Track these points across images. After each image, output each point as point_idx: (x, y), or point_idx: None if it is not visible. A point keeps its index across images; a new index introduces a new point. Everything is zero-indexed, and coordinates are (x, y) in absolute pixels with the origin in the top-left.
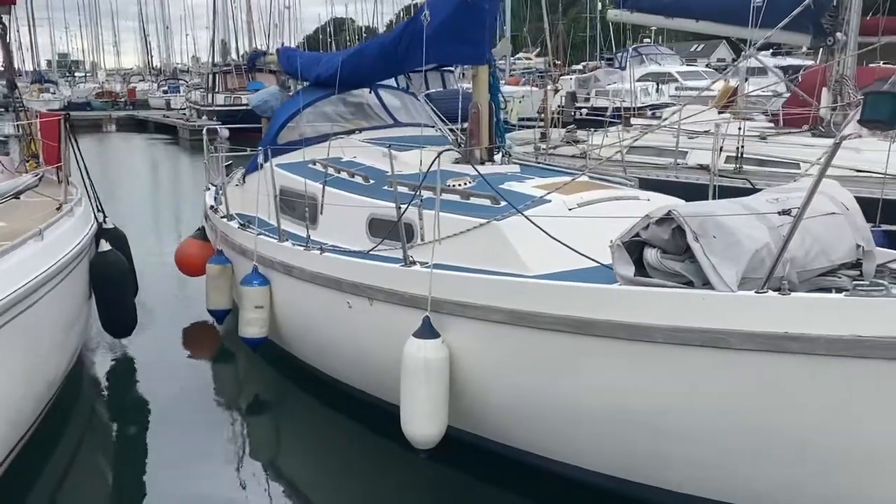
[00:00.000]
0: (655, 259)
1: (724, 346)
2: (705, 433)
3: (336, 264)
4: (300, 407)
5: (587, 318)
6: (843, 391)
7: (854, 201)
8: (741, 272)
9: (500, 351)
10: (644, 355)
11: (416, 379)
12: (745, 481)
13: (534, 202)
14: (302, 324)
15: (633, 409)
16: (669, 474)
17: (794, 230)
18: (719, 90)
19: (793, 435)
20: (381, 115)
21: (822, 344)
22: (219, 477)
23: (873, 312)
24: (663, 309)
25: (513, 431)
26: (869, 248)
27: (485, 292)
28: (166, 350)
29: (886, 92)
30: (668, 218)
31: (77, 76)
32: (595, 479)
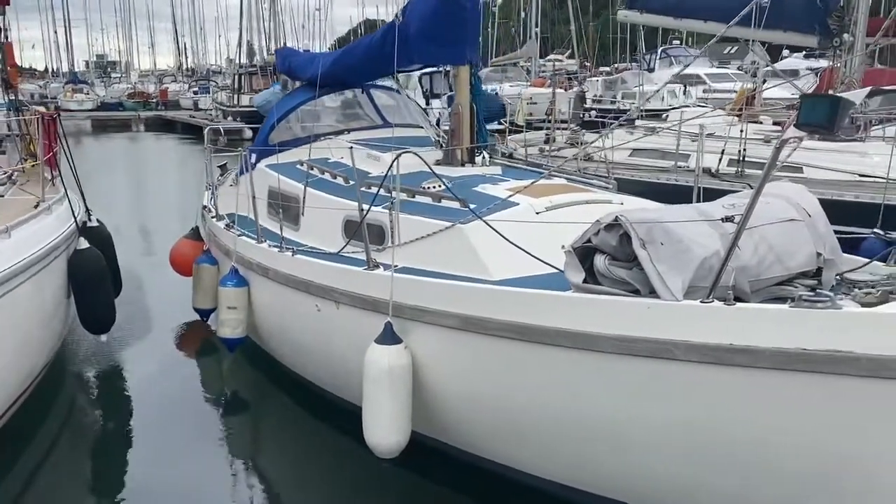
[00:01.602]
0: (603, 266)
1: (668, 357)
2: (653, 446)
3: (305, 266)
4: (275, 408)
5: (535, 325)
6: (790, 406)
7: (818, 207)
8: (688, 281)
9: (458, 357)
10: (591, 365)
11: (378, 386)
12: (693, 494)
13: (501, 205)
14: (277, 325)
15: (584, 419)
16: (622, 486)
17: (737, 238)
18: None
19: (740, 450)
20: (371, 116)
21: (767, 357)
22: (191, 474)
23: (817, 325)
24: (609, 317)
25: (475, 439)
26: (831, 256)
27: (441, 297)
28: (149, 347)
29: (822, 95)
30: (616, 224)
31: (113, 77)
32: (553, 488)
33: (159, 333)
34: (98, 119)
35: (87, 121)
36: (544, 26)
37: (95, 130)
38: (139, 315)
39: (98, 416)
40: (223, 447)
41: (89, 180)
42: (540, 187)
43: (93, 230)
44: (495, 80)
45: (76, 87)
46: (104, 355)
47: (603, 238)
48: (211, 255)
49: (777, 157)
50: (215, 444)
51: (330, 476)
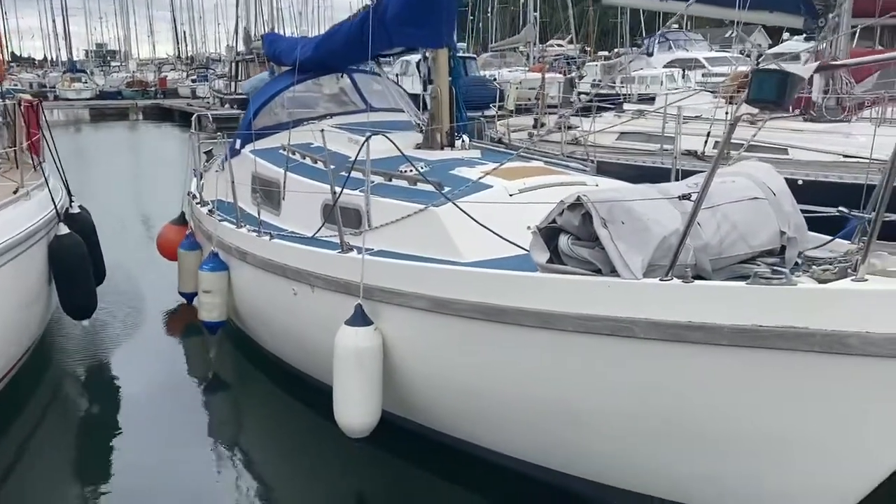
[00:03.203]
0: (567, 246)
1: (629, 335)
2: (616, 424)
3: (280, 250)
4: (255, 390)
5: (500, 305)
6: (748, 382)
7: (784, 186)
8: (648, 259)
9: (427, 338)
10: (555, 344)
11: (348, 367)
12: (655, 471)
13: (474, 187)
14: (256, 309)
15: (549, 398)
16: (587, 464)
17: (694, 215)
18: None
19: (699, 426)
20: (354, 100)
21: (725, 334)
22: (171, 455)
23: (772, 302)
24: (571, 297)
25: (445, 419)
26: (794, 234)
27: (410, 279)
28: (134, 331)
29: (773, 70)
30: (579, 203)
31: (112, 66)
32: (522, 467)
33: (144, 317)
34: (96, 108)
35: (86, 110)
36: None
37: (93, 119)
38: (125, 300)
39: (80, 399)
40: (203, 428)
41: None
42: (516, 170)
43: (75, 216)
44: (494, 65)
45: (74, 76)
46: (89, 340)
47: (566, 218)
48: (194, 240)
49: (731, 134)
50: (195, 426)
51: (304, 455)
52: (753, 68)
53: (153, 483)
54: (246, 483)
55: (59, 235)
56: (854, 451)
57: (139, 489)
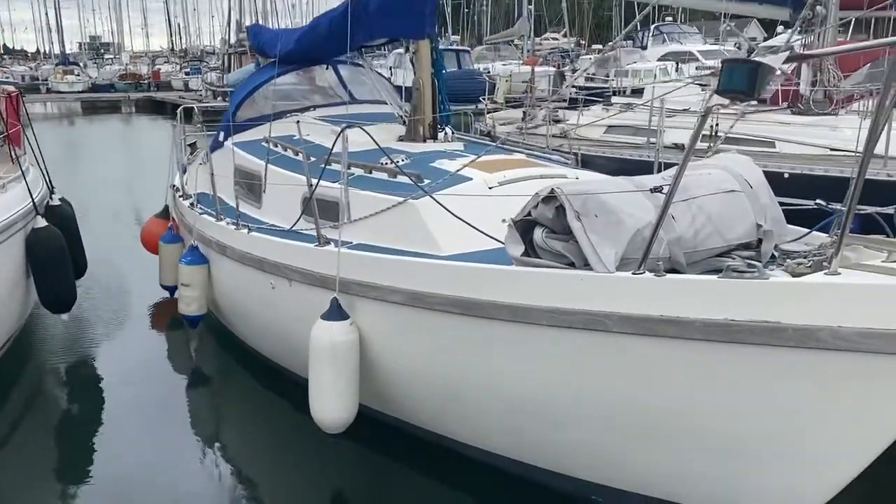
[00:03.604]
0: (541, 239)
1: (602, 329)
2: (591, 419)
3: (258, 244)
4: (236, 384)
5: (474, 299)
6: (720, 378)
7: (761, 178)
8: (621, 253)
9: (404, 333)
10: (529, 338)
11: (323, 362)
12: (628, 466)
13: (453, 179)
14: (236, 303)
15: (524, 393)
16: (563, 460)
17: (665, 208)
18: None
19: (672, 422)
20: (338, 92)
21: (696, 328)
22: (150, 450)
23: (744, 295)
24: (544, 290)
25: (422, 414)
26: (771, 227)
27: (386, 273)
28: (115, 325)
29: (743, 60)
30: (553, 196)
31: (106, 58)
32: (501, 462)
33: (125, 311)
34: (88, 101)
35: (77, 103)
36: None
37: (85, 112)
38: (107, 293)
39: (58, 394)
40: (182, 423)
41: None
42: (496, 162)
43: (54, 209)
44: (489, 58)
45: (67, 68)
46: (69, 334)
47: (541, 211)
48: (176, 233)
49: (702, 125)
50: (175, 420)
51: (283, 449)
52: (724, 59)
53: (133, 478)
54: (225, 477)
55: (37, 228)
56: (828, 448)
57: (119, 483)
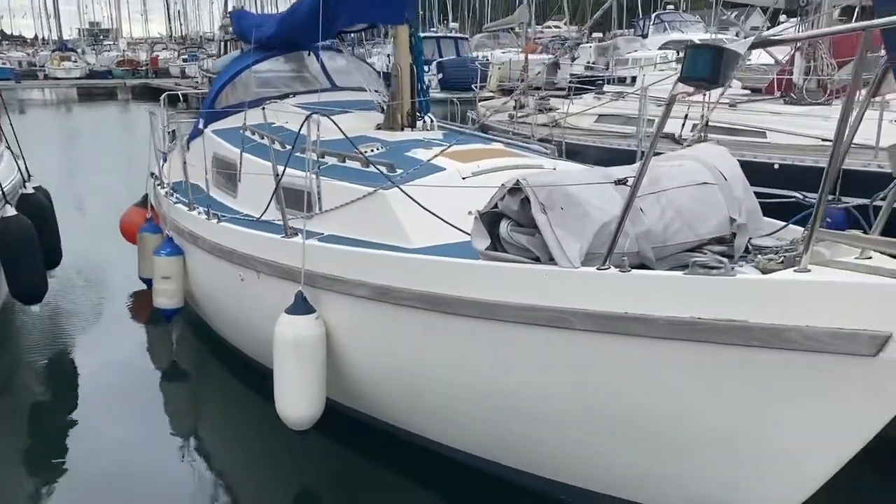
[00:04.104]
0: (506, 232)
1: (566, 327)
2: (558, 418)
3: (228, 234)
4: (211, 378)
5: (439, 294)
6: (687, 377)
7: (737, 170)
8: (586, 247)
9: (370, 328)
10: (494, 334)
11: (288, 357)
12: (592, 465)
13: (425, 169)
14: (208, 295)
15: (491, 391)
16: (532, 458)
17: (630, 201)
18: None
19: (641, 424)
20: (319, 79)
21: (662, 326)
22: (121, 445)
23: (710, 293)
24: (508, 285)
25: (389, 409)
26: (745, 221)
27: (351, 266)
28: (91, 317)
29: (706, 46)
30: (518, 187)
31: (105, 44)
32: (470, 460)
33: (101, 303)
34: (84, 87)
35: (73, 89)
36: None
37: (81, 99)
38: (83, 284)
39: (29, 386)
40: (156, 417)
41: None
42: (471, 152)
43: (28, 198)
44: (488, 46)
45: (64, 55)
46: (41, 326)
47: (507, 203)
48: (154, 224)
49: (667, 115)
50: (149, 414)
51: (255, 444)
52: (688, 45)
53: (105, 471)
54: (194, 471)
55: (5, 218)
56: (797, 453)
57: (91, 477)
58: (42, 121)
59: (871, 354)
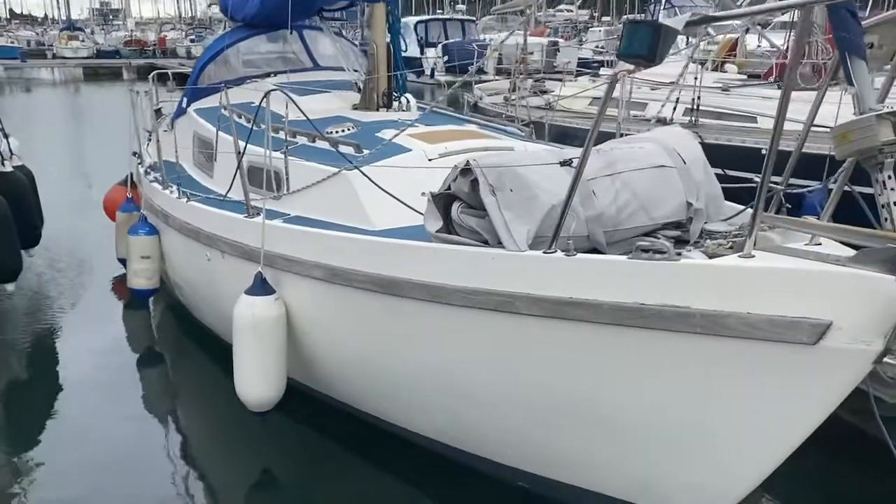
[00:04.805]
0: (456, 214)
1: (512, 311)
2: (508, 404)
3: (194, 213)
4: (186, 360)
5: (390, 276)
6: (630, 364)
7: (698, 153)
8: (535, 230)
9: (327, 310)
10: (444, 318)
11: (247, 339)
12: (538, 450)
13: (390, 150)
14: (181, 275)
15: (442, 375)
16: (487, 444)
17: (575, 183)
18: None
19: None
20: (301, 58)
21: (606, 312)
22: (95, 426)
23: (653, 278)
24: (457, 269)
25: (348, 391)
26: (703, 205)
27: (308, 247)
28: (66, 296)
29: (644, 22)
30: (469, 168)
31: (115, 24)
32: (431, 444)
33: (78, 282)
34: (90, 67)
35: (80, 69)
36: None
37: (87, 78)
38: (64, 263)
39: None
40: (129, 397)
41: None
42: (440, 133)
43: (5, 175)
44: (496, 28)
45: (72, 34)
46: (15, 305)
47: (459, 184)
48: (133, 203)
49: (609, 95)
50: (122, 395)
51: (221, 425)
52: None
53: (70, 452)
54: (162, 451)
55: None
56: (741, 440)
57: (59, 458)
58: (46, 100)
59: (811, 343)
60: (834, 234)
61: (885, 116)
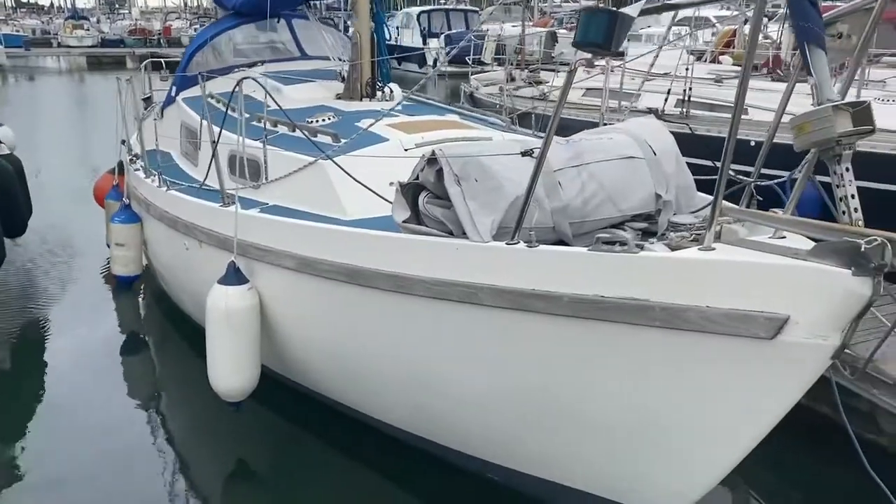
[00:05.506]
0: (423, 204)
1: (475, 302)
2: (473, 396)
3: (173, 202)
4: (167, 348)
5: (357, 266)
6: (591, 357)
7: (670, 145)
8: (499, 220)
9: (300, 299)
10: (409, 309)
11: (220, 328)
12: (515, 446)
13: (366, 139)
14: (162, 263)
15: (409, 366)
16: (456, 435)
17: (536, 174)
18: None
19: (550, 403)
20: (290, 48)
21: (566, 304)
22: (77, 414)
23: (613, 270)
24: (422, 260)
25: (325, 382)
26: (672, 197)
27: (279, 236)
28: (50, 283)
29: (601, 10)
30: (434, 158)
31: (120, 13)
32: (401, 435)
33: (64, 269)
34: (94, 56)
35: (84, 58)
36: None
37: (91, 67)
38: (53, 250)
39: None
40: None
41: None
42: (418, 123)
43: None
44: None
45: (77, 23)
46: (3, 293)
47: (426, 174)
48: (119, 191)
49: (569, 84)
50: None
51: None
52: (582, 9)
53: (54, 441)
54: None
55: None
56: (702, 435)
57: (39, 447)
58: (48, 88)
59: (769, 337)
60: (792, 228)
61: (842, 107)
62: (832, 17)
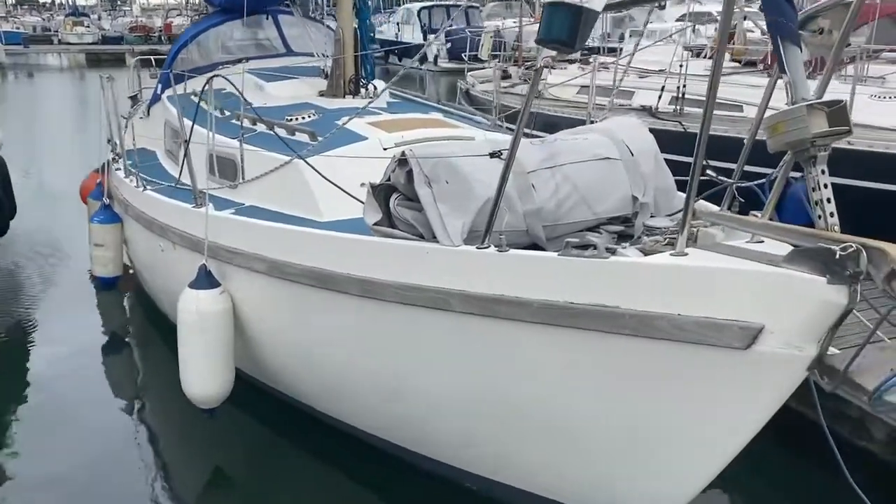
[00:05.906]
0: (393, 206)
1: (446, 308)
2: (447, 403)
3: (148, 202)
4: (148, 350)
5: (326, 270)
6: (562, 365)
7: (650, 145)
8: (469, 224)
9: (271, 303)
10: (379, 314)
11: (191, 333)
12: (485, 452)
13: (345, 138)
14: (140, 264)
15: (379, 372)
16: (429, 442)
17: (505, 175)
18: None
19: (523, 411)
20: (276, 44)
21: (536, 310)
22: (58, 418)
23: (583, 276)
24: (391, 263)
25: (299, 388)
26: (650, 199)
27: (250, 239)
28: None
29: (564, 5)
30: (405, 159)
31: (122, 10)
32: (372, 440)
33: (53, 269)
34: (93, 53)
35: (83, 55)
36: None
37: (90, 65)
38: (40, 250)
39: None
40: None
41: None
42: (400, 121)
43: None
44: (501, 15)
45: (77, 20)
46: None
47: (397, 175)
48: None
49: (536, 83)
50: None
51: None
52: (545, 4)
53: (35, 442)
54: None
55: None
56: (678, 448)
57: (19, 448)
58: (47, 86)
59: (743, 347)
60: (766, 232)
61: (817, 107)
62: (812, 12)
